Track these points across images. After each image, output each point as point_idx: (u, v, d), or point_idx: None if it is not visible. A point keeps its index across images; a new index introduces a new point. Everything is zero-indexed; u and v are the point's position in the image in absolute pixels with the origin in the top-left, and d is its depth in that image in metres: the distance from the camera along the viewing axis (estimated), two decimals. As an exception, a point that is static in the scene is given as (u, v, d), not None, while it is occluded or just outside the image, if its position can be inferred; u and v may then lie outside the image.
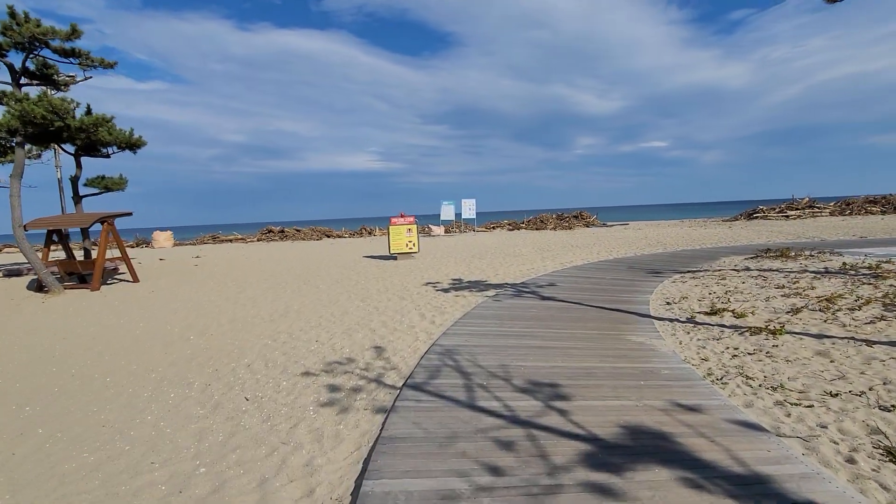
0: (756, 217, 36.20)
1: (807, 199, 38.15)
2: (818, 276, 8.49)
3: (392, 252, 16.03)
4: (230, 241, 35.00)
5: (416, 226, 16.23)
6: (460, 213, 29.46)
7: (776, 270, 9.49)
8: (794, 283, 8.03)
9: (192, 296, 10.34)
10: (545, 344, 5.39)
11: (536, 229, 33.48)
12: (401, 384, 4.43)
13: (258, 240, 34.66)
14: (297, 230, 36.13)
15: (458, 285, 10.12)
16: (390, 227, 16.13)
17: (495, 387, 4.18)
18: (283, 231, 35.84)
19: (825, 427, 3.24)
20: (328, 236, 35.30)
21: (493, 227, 35.50)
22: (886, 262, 9.37)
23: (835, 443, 3.04)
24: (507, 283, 10.00)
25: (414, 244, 16.19)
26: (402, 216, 16.29)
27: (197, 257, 20.25)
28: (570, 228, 33.29)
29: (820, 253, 11.10)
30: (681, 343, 5.28)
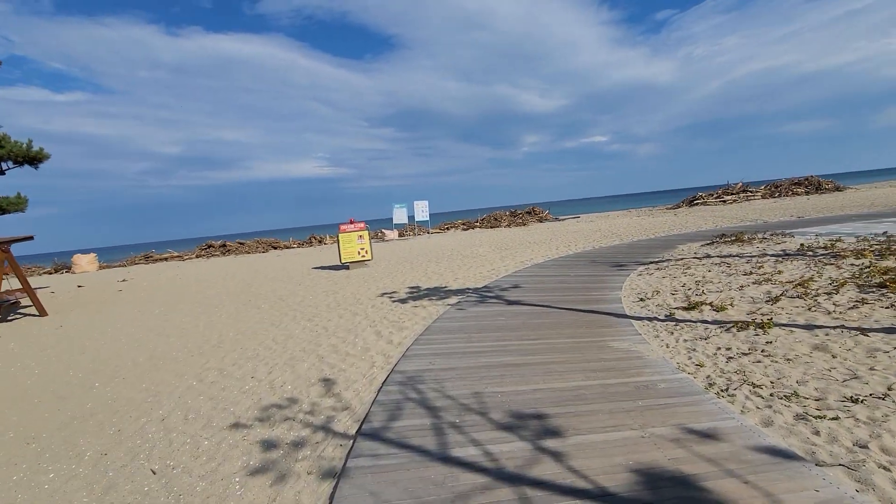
0: (697, 203, 37.76)
1: (740, 184, 40.25)
2: (779, 258, 8.41)
3: (343, 261, 14.97)
4: (165, 259, 32.32)
5: (367, 232, 15.26)
6: (413, 216, 28.63)
7: (736, 256, 9.40)
8: (759, 267, 7.87)
9: (109, 329, 8.89)
10: (521, 360, 4.71)
11: (491, 227, 33.23)
12: (354, 431, 3.58)
13: (197, 256, 32.23)
14: (241, 243, 34.00)
15: (416, 294, 9.32)
16: (340, 234, 15.06)
17: (470, 425, 3.43)
18: (224, 245, 33.57)
19: (865, 447, 2.73)
20: (275, 248, 33.40)
21: (448, 228, 34.94)
22: (837, 240, 9.51)
23: (885, 468, 2.52)
24: (468, 289, 9.32)
25: (366, 251, 15.21)
26: (351, 222, 15.26)
27: (123, 281, 18.20)
28: (525, 225, 33.31)
29: (772, 235, 11.22)
30: (668, 346, 4.77)
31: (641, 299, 6.80)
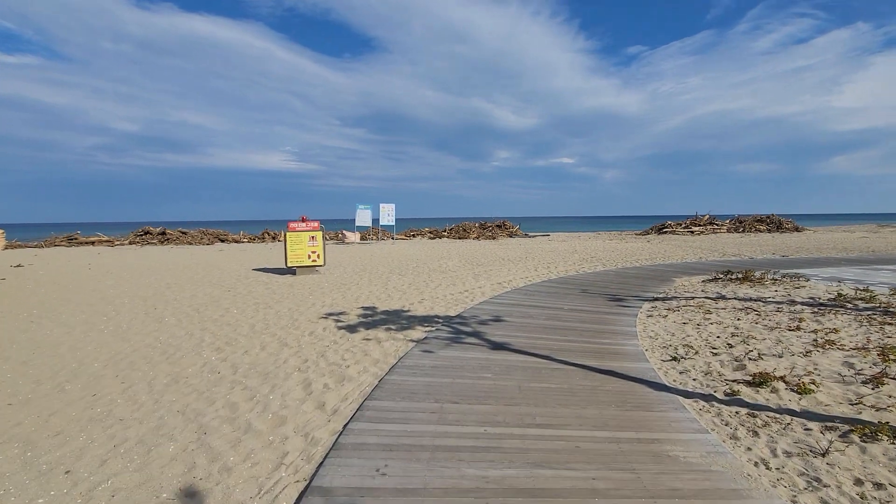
0: (665, 232, 37.53)
1: (707, 216, 40.50)
2: (816, 309, 6.96)
3: (289, 265, 12.66)
4: (92, 243, 28.58)
5: (321, 233, 13.03)
6: (378, 219, 26.44)
7: (757, 300, 7.93)
8: (800, 321, 6.35)
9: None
10: (534, 481, 2.77)
11: (459, 238, 31.49)
12: None
13: (130, 243, 28.69)
14: (183, 233, 30.67)
15: (370, 319, 7.26)
16: (287, 233, 12.76)
17: None
18: (164, 233, 30.13)
19: None
20: (222, 241, 30.29)
21: (414, 235, 32.92)
22: (865, 290, 8.23)
23: None
24: (438, 317, 7.35)
25: (318, 255, 12.97)
26: (303, 220, 12.99)
27: (17, 266, 15.05)
28: (495, 238, 31.78)
29: (784, 277, 9.91)
30: (767, 466, 2.95)
31: (674, 358, 5.03)
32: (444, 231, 33.34)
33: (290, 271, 12.98)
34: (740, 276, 9.95)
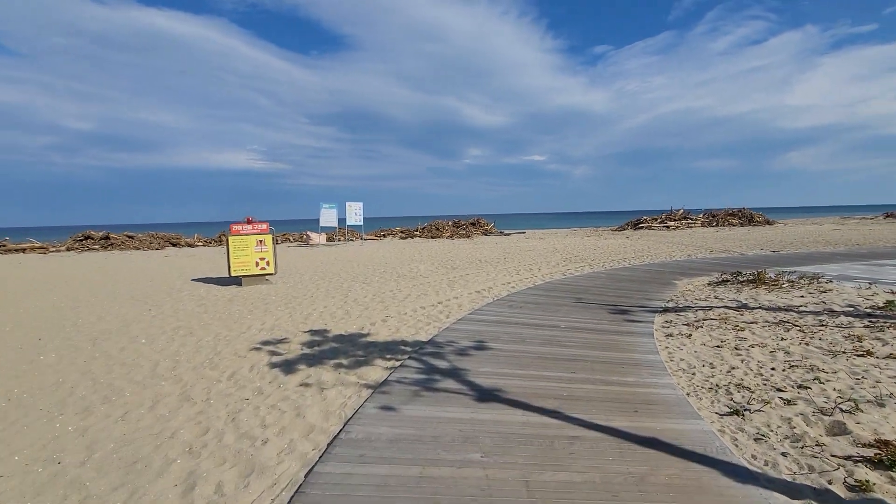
0: (641, 227, 37.01)
1: (682, 210, 40.28)
2: (869, 322, 5.71)
3: (234, 274, 10.78)
4: (23, 250, 25.64)
5: (270, 236, 11.19)
6: (345, 219, 24.54)
7: (787, 309, 6.67)
8: (858, 339, 5.07)
9: None
10: None
11: (432, 237, 29.91)
12: None
13: (68, 249, 25.86)
14: (130, 237, 27.99)
15: (317, 349, 5.59)
16: (230, 237, 10.87)
17: None
18: (107, 238, 27.39)
19: None
20: (174, 245, 27.75)
21: (384, 235, 31.12)
22: (902, 293, 7.12)
23: None
24: (404, 344, 5.74)
25: (269, 262, 11.13)
26: (248, 222, 11.12)
27: None
28: (469, 237, 30.35)
29: (800, 278, 8.74)
30: None
31: (735, 411, 3.56)
32: (417, 230, 31.68)
33: (235, 281, 11.10)
34: (751, 277, 8.75)
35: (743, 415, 3.48)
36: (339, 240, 26.61)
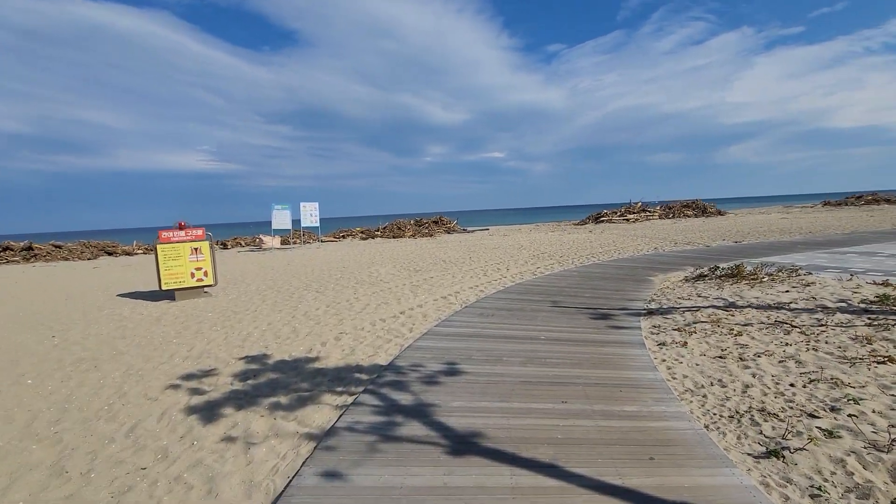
0: (602, 220, 37.35)
1: (639, 203, 41.04)
2: (868, 320, 5.26)
3: (165, 287, 9.41)
4: (-75, 265, 22.62)
5: (207, 243, 9.88)
6: (300, 220, 23.06)
7: (778, 307, 6.19)
8: (868, 340, 4.57)
9: None
10: None
11: (394, 237, 28.83)
12: None
13: (-19, 262, 23.05)
14: (57, 246, 25.36)
15: (251, 384, 4.54)
16: (159, 245, 9.49)
17: None
18: (29, 248, 24.70)
19: None
20: (110, 253, 25.37)
21: (344, 236, 29.74)
22: (885, 283, 6.83)
23: None
24: (359, 370, 4.80)
25: (207, 272, 9.82)
26: (181, 227, 9.76)
27: None
28: (432, 235, 29.48)
29: (779, 271, 8.39)
30: None
31: (772, 452, 2.85)
32: (378, 230, 30.48)
33: (170, 296, 9.73)
34: (729, 272, 8.34)
35: (783, 456, 2.78)
36: (294, 243, 25.08)
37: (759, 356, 4.45)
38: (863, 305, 5.81)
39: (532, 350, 5.09)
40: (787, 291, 6.88)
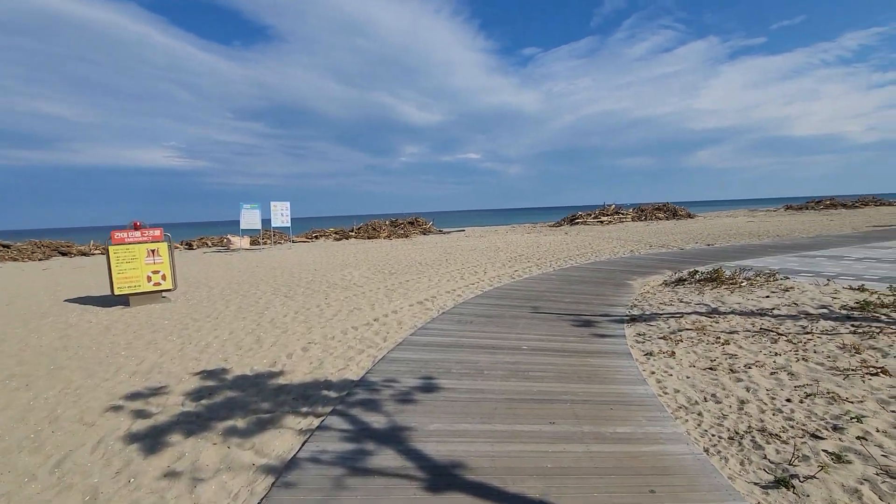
0: (577, 222, 37.68)
1: (613, 206, 41.68)
2: (853, 327, 5.18)
3: (118, 292, 8.71)
4: None
5: (166, 244, 9.21)
6: (270, 220, 22.23)
7: (760, 313, 6.09)
8: (855, 349, 4.46)
9: None
10: None
11: (368, 238, 28.23)
12: None
13: (-82, 263, 21.35)
14: (5, 246, 23.80)
15: (205, 405, 4.07)
16: (111, 247, 8.78)
17: None
18: (-26, 248, 23.06)
19: None
20: (63, 253, 23.92)
21: (317, 236, 28.95)
22: (861, 288, 6.84)
23: None
24: (327, 386, 4.38)
25: (165, 276, 9.16)
26: (136, 227, 9.07)
27: None
28: (408, 237, 29.02)
29: (756, 276, 8.38)
30: None
31: (784, 483, 2.60)
32: (352, 231, 29.82)
33: (122, 301, 9.03)
34: (708, 276, 8.28)
35: (793, 486, 2.54)
36: (264, 243, 24.20)
37: (749, 367, 4.27)
38: (844, 312, 5.76)
39: (514, 362, 4.78)
40: (768, 297, 6.82)
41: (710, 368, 4.32)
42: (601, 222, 36.92)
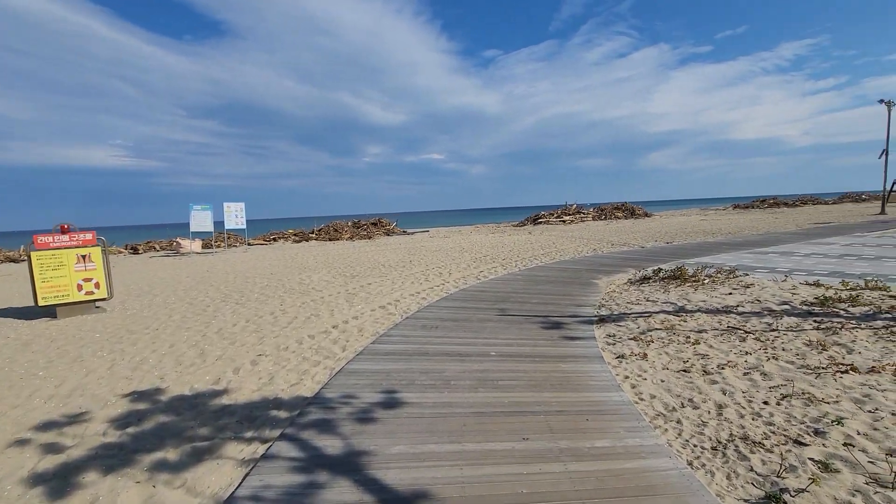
0: (540, 222, 38.10)
1: (574, 206, 42.48)
2: (816, 322, 5.21)
3: (42, 303, 7.82)
4: None
5: (99, 248, 8.36)
6: (224, 222, 21.08)
7: (726, 311, 6.07)
8: (821, 346, 4.44)
9: None
10: None
11: (330, 240, 27.39)
12: None
13: None
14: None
15: (130, 434, 3.53)
16: (33, 253, 7.87)
17: None
18: None
19: None
20: (-11, 260, 21.79)
21: (275, 239, 27.83)
22: (816, 284, 7.01)
23: None
24: (277, 402, 3.93)
25: (99, 284, 8.31)
26: (64, 231, 8.19)
27: None
28: (371, 238, 28.37)
29: (717, 273, 8.48)
30: None
31: (775, 499, 2.43)
32: (313, 233, 28.86)
33: (48, 312, 8.12)
34: (672, 274, 8.31)
35: (784, 502, 2.35)
36: (217, 246, 22.96)
37: (722, 368, 4.15)
38: (805, 307, 5.82)
39: (483, 370, 4.48)
40: (731, 294, 6.86)
41: (684, 371, 4.18)
42: (563, 222, 37.49)
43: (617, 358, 4.71)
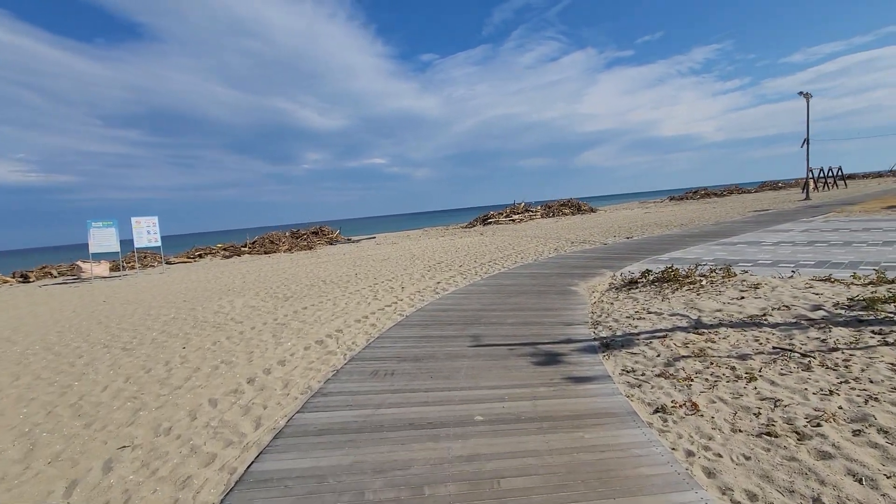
0: (490, 222, 37.24)
1: (523, 204, 42.14)
2: (877, 335, 4.10)
3: None
4: None
5: None
6: (133, 240, 18.07)
7: (752, 323, 4.90)
8: (856, 367, 3.27)
9: None
10: None
11: (266, 253, 24.75)
12: None
13: None
14: None
15: None
16: None
17: None
18: None
19: None
20: None
21: (201, 255, 24.74)
22: (828, 278, 6.07)
23: None
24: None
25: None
26: None
27: None
28: (312, 248, 26.00)
29: (711, 272, 7.43)
30: None
31: None
32: (245, 246, 26.03)
33: None
34: (662, 276, 7.17)
35: None
36: (130, 268, 19.78)
37: (816, 424, 2.85)
38: (846, 312, 4.75)
39: (470, 458, 2.89)
40: (743, 298, 5.75)
41: (767, 434, 2.83)
42: (513, 221, 36.81)
43: (655, 413, 3.30)
